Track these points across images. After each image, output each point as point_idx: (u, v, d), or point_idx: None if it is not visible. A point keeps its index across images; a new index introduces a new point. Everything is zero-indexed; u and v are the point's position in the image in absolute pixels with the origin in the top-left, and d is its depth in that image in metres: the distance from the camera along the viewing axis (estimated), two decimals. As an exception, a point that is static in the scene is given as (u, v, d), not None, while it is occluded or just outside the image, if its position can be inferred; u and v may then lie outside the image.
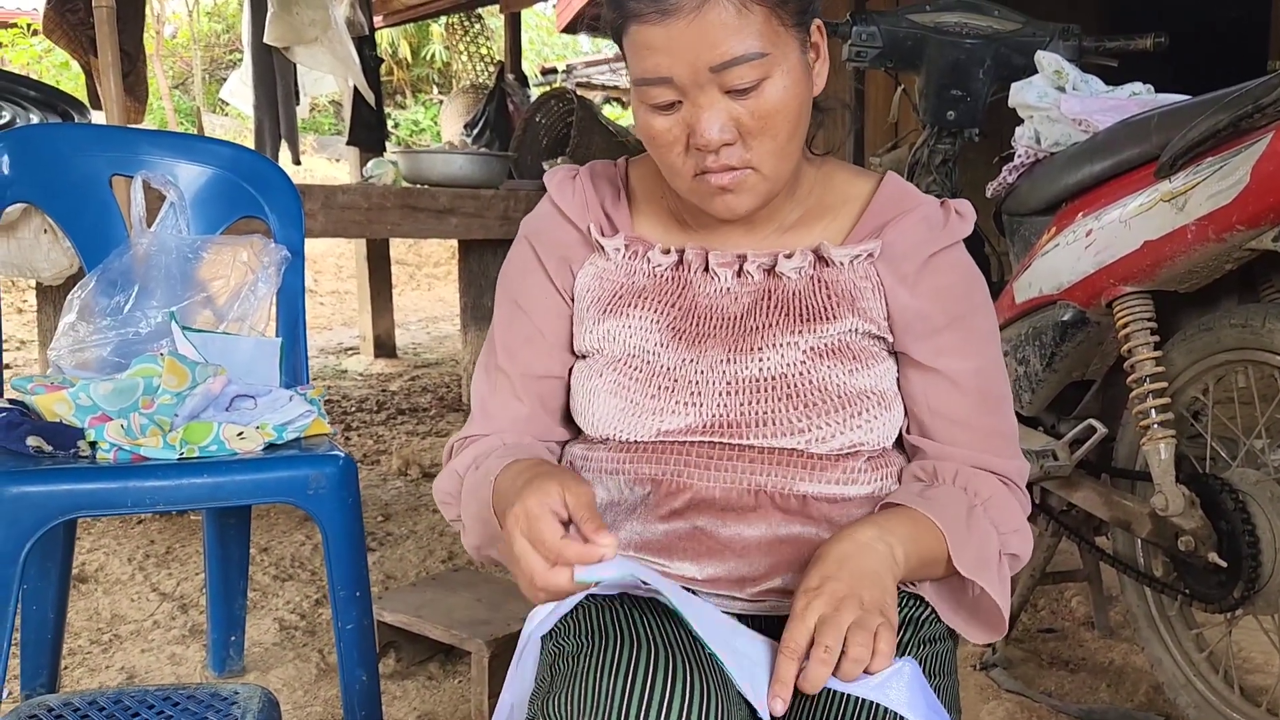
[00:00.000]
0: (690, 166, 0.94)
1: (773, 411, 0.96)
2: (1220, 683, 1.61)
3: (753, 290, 1.01)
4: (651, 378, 0.99)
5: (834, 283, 1.00)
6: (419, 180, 3.36)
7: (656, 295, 1.02)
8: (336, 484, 1.39)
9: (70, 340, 1.58)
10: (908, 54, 2.12)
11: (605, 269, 1.05)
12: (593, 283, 1.05)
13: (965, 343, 1.02)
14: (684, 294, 1.02)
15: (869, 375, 0.98)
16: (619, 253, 1.04)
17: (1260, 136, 1.32)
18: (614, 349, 1.02)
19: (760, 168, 0.93)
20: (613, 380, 1.00)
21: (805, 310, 0.99)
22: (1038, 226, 1.78)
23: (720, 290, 1.02)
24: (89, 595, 2.26)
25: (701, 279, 1.03)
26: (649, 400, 0.99)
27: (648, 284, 1.03)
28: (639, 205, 1.08)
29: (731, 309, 1.01)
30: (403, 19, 7.06)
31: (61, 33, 3.87)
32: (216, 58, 12.05)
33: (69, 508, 1.30)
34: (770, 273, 1.01)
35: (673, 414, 0.98)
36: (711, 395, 0.98)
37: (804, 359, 0.97)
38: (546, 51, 14.65)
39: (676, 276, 1.03)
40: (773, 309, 1.00)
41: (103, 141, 1.76)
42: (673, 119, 0.92)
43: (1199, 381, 1.57)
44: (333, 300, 7.59)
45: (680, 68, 0.89)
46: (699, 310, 1.02)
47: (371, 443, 3.69)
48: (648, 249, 1.04)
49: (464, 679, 1.88)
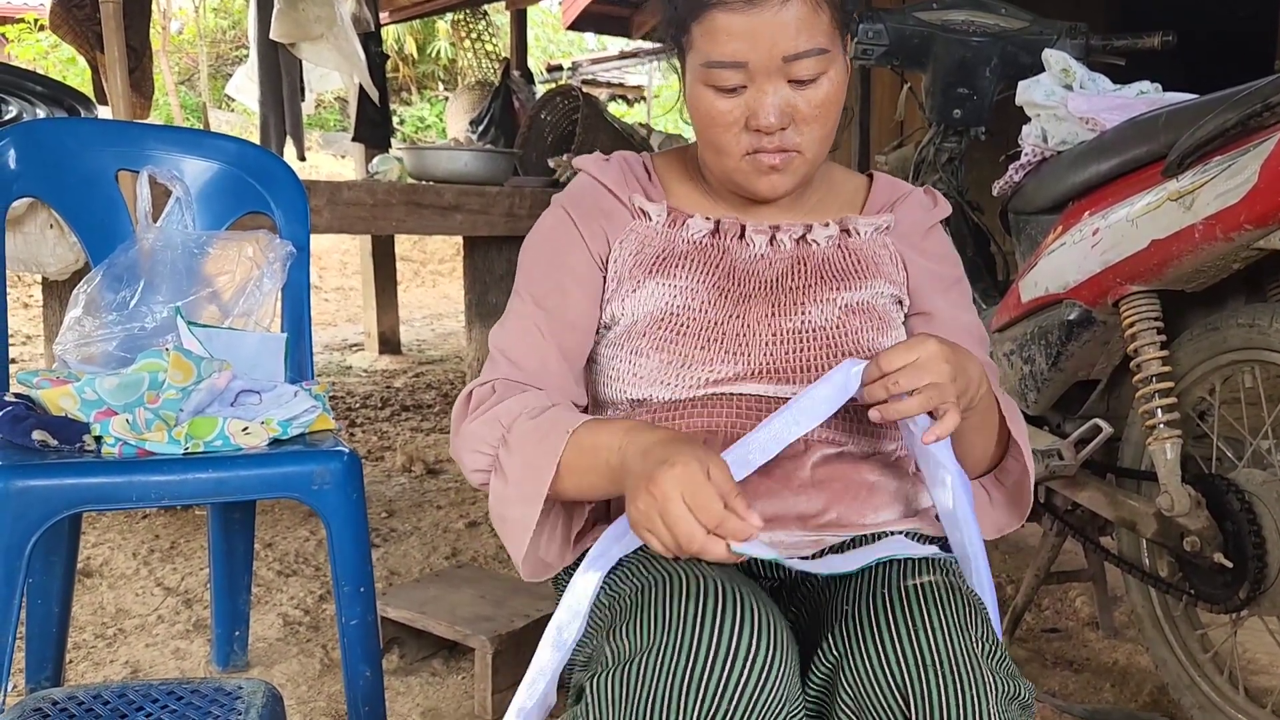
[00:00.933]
0: (744, 146, 1.02)
1: (815, 359, 1.04)
2: (1225, 684, 1.61)
3: (786, 257, 1.10)
4: (700, 332, 1.05)
5: (859, 250, 1.12)
6: (424, 177, 3.36)
7: (700, 259, 1.09)
8: (341, 479, 1.39)
9: (76, 335, 1.58)
10: (914, 52, 2.12)
11: (646, 236, 1.10)
12: (633, 246, 1.10)
13: (963, 298, 1.17)
14: (724, 258, 1.09)
15: (891, 336, 1.09)
16: (661, 219, 1.11)
17: (1268, 135, 1.32)
18: (658, 306, 1.06)
19: (805, 151, 1.03)
20: (658, 336, 1.05)
21: (839, 272, 1.10)
22: (1044, 225, 1.78)
23: (756, 255, 1.10)
24: (94, 590, 2.26)
25: (738, 245, 1.10)
26: (698, 351, 1.04)
27: (689, 249, 1.09)
28: (670, 186, 1.16)
29: (768, 273, 1.09)
30: (408, 15, 7.06)
31: (68, 28, 3.87)
32: (223, 54, 12.06)
33: (74, 502, 1.30)
34: (801, 241, 1.11)
35: (721, 363, 1.04)
36: (758, 345, 1.05)
37: (840, 315, 1.07)
38: (552, 48, 14.65)
39: (715, 244, 1.10)
40: (809, 272, 1.09)
41: (109, 136, 1.76)
42: (734, 101, 1.00)
43: (1205, 381, 1.57)
44: (338, 296, 7.60)
45: (757, 54, 0.97)
46: (739, 274, 1.09)
47: (376, 439, 3.69)
48: (687, 217, 1.11)
49: (467, 675, 1.88)
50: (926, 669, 0.84)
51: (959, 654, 0.85)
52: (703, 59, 1.00)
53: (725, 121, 1.01)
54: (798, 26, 0.97)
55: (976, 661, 0.85)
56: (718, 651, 0.81)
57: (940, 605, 0.88)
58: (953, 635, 0.86)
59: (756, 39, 0.97)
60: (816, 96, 1.00)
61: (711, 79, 1.00)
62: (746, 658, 0.81)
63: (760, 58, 0.97)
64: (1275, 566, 1.45)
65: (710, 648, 0.81)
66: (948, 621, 0.87)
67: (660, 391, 1.04)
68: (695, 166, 1.15)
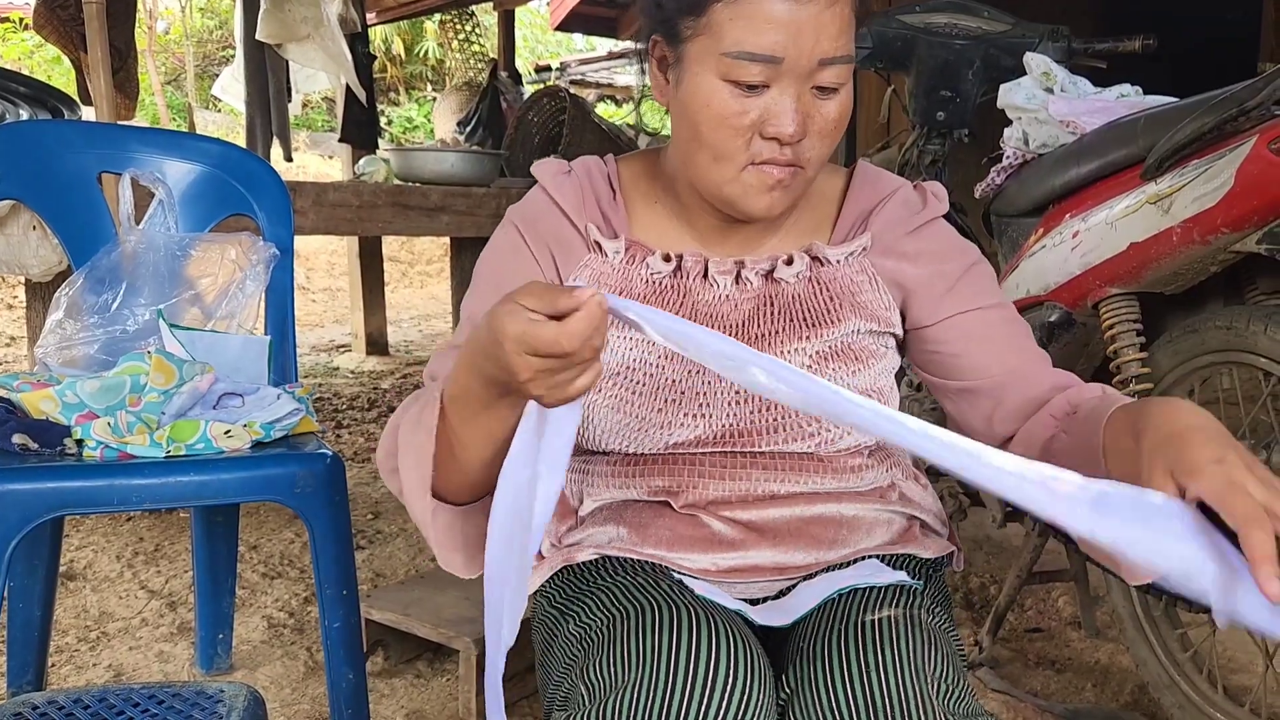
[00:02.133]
0: (748, 155, 0.91)
1: (783, 418, 0.97)
2: (1204, 683, 1.62)
3: (752, 296, 1.01)
4: (656, 391, 0.98)
5: (832, 282, 1.01)
6: (411, 178, 3.36)
7: (658, 303, 0.99)
8: (323, 482, 1.39)
9: (58, 338, 1.57)
10: (897, 54, 2.13)
11: (602, 273, 1.02)
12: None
13: (981, 287, 1.02)
14: (684, 302, 1.00)
15: (870, 374, 0.99)
16: (618, 256, 1.01)
17: (1244, 140, 1.33)
18: (612, 361, 0.98)
19: (807, 167, 0.93)
20: (613, 395, 0.98)
21: (808, 315, 0.99)
22: (1025, 228, 1.79)
23: (720, 298, 1.01)
24: (77, 592, 2.25)
25: (700, 286, 1.01)
26: (655, 414, 0.97)
27: (646, 291, 1.00)
28: (633, 205, 1.05)
29: (733, 316, 1.00)
30: (396, 16, 7.04)
31: (52, 28, 3.86)
32: (209, 54, 12.01)
33: (55, 505, 1.30)
34: (769, 278, 1.01)
35: (681, 427, 0.97)
36: (720, 405, 0.97)
37: (810, 364, 0.97)
38: (540, 49, 14.64)
39: (675, 284, 1.01)
40: (776, 315, 1.00)
41: (91, 139, 1.75)
42: (751, 102, 0.88)
43: (1184, 383, 1.58)
44: (325, 297, 7.58)
45: (796, 51, 0.86)
46: (700, 319, 0.99)
47: (363, 440, 3.69)
48: (646, 254, 1.01)
49: (452, 677, 1.88)
50: (877, 712, 0.80)
51: (912, 695, 0.81)
52: (726, 46, 0.87)
53: (738, 124, 0.89)
54: (839, 27, 0.87)
55: (931, 704, 0.81)
56: (693, 685, 0.78)
57: (895, 643, 0.84)
58: (906, 676, 0.82)
59: (800, 34, 0.85)
60: (834, 109, 0.91)
61: (733, 72, 0.87)
62: (724, 690, 0.78)
63: (797, 55, 0.86)
64: (1252, 566, 1.46)
65: (686, 682, 0.78)
66: (903, 661, 0.83)
67: (619, 445, 0.99)
68: (664, 178, 1.04)
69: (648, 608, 0.86)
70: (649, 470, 0.99)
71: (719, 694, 0.78)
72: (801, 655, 0.87)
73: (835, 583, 0.94)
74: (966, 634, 2.06)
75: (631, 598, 0.90)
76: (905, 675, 0.82)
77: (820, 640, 0.87)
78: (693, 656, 0.80)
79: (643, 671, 0.80)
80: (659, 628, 0.83)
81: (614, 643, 0.84)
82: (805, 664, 0.86)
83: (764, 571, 0.98)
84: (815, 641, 0.87)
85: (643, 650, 0.82)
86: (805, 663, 0.86)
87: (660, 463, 0.99)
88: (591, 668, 0.85)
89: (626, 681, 0.80)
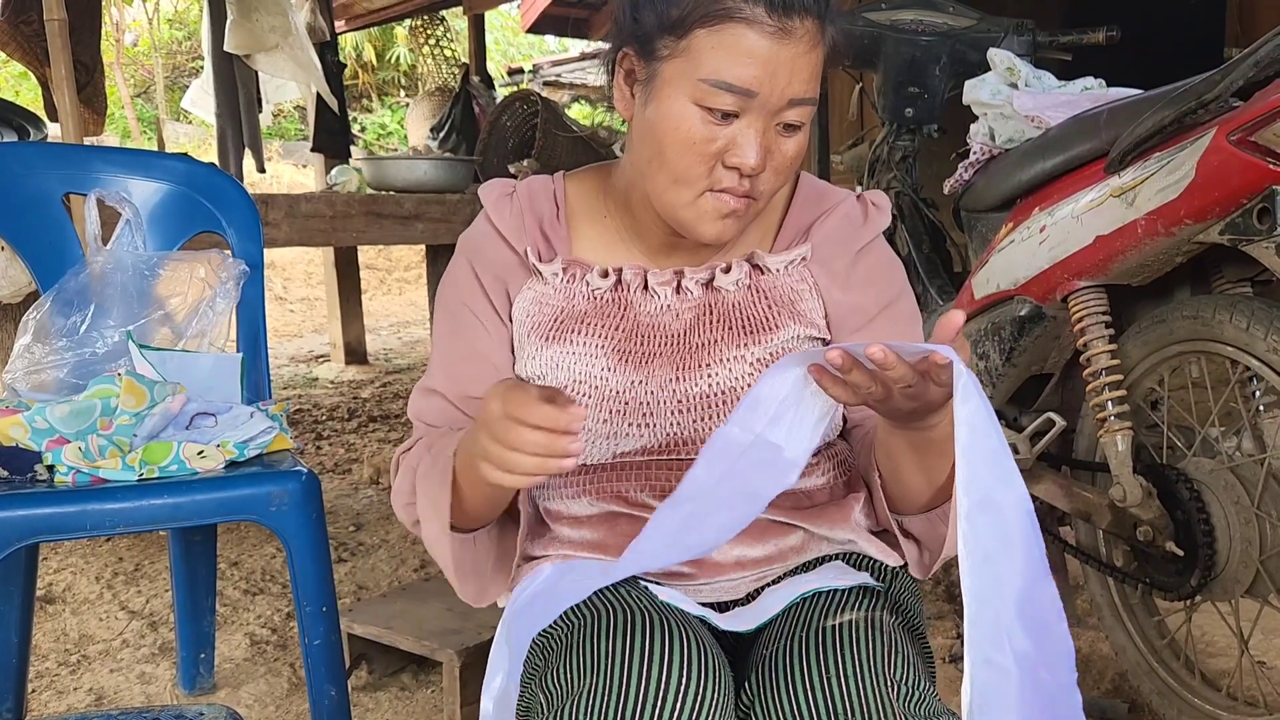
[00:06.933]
0: (708, 181, 0.93)
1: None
2: (1181, 669, 1.64)
3: (693, 305, 1.03)
4: (602, 403, 1.00)
5: (772, 290, 1.03)
6: (383, 186, 3.35)
7: (598, 319, 1.02)
8: (299, 500, 1.39)
9: (26, 362, 1.56)
10: (864, 52, 2.14)
11: (543, 294, 1.04)
12: (531, 307, 1.04)
13: (894, 326, 1.05)
14: (626, 315, 1.02)
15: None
16: (557, 277, 1.04)
17: (1204, 132, 1.34)
18: (559, 376, 1.01)
19: (760, 199, 0.96)
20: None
21: (748, 322, 1.01)
22: (994, 223, 1.80)
23: (661, 308, 1.03)
24: (56, 616, 2.23)
25: (642, 298, 1.03)
26: (601, 425, 1.00)
27: (588, 308, 1.03)
28: (577, 223, 1.08)
29: (674, 326, 1.02)
30: (365, 23, 7.02)
31: (16, 45, 3.82)
32: (179, 65, 11.92)
33: (27, 533, 1.29)
34: (709, 286, 1.03)
35: (627, 437, 1.00)
36: (664, 415, 1.00)
37: (751, 371, 0.99)
38: (513, 51, 14.60)
39: (616, 298, 1.03)
40: (716, 324, 1.01)
41: (54, 160, 1.74)
42: (719, 130, 0.91)
43: (1154, 373, 1.59)
44: (303, 307, 7.54)
45: (770, 87, 0.89)
46: (642, 330, 1.02)
47: (343, 451, 3.67)
48: (585, 272, 1.04)
49: (436, 689, 1.88)
50: (837, 716, 0.81)
51: (872, 699, 0.82)
52: (704, 73, 0.89)
53: (704, 151, 0.92)
54: (811, 71, 0.91)
55: (891, 707, 0.82)
56: (647, 689, 0.79)
57: (856, 647, 0.85)
58: (867, 680, 0.83)
59: (777, 71, 0.89)
60: (793, 147, 0.94)
61: (707, 98, 0.90)
62: (678, 693, 0.80)
63: (771, 91, 0.90)
64: (1224, 553, 1.48)
65: (640, 686, 0.80)
66: (863, 665, 0.84)
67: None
68: (615, 193, 1.06)
69: (603, 612, 0.88)
70: (599, 477, 1.01)
71: (673, 693, 0.80)
72: (764, 661, 0.89)
73: (799, 587, 0.95)
74: (949, 625, 2.07)
75: (589, 604, 0.91)
76: (865, 679, 0.83)
77: (782, 646, 0.88)
78: (647, 658, 0.81)
79: (598, 675, 0.82)
80: (613, 632, 0.85)
81: (570, 649, 0.86)
82: (767, 669, 0.87)
83: (725, 569, 1.00)
84: (777, 647, 0.89)
85: (598, 654, 0.83)
86: (767, 668, 0.87)
87: (609, 470, 1.01)
88: (550, 675, 0.86)
89: (582, 687, 0.82)
